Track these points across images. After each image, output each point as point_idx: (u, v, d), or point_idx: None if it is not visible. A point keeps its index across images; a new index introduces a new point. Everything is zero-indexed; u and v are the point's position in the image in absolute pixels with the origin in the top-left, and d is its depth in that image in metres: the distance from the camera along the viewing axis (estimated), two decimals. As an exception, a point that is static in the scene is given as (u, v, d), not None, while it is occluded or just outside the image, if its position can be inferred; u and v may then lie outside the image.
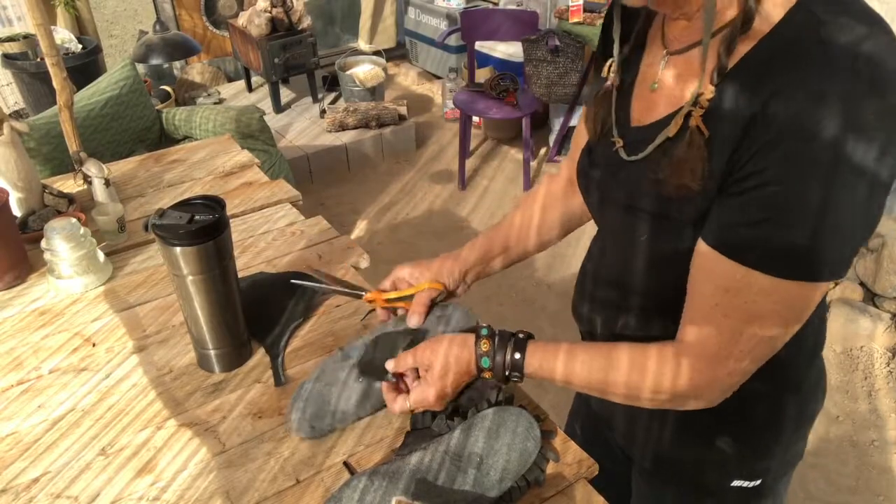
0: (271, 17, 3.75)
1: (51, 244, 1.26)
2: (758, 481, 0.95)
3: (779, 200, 0.64)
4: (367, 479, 0.84)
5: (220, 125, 2.85)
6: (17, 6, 3.71)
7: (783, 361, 0.84)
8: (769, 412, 0.90)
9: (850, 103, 0.60)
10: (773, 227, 0.65)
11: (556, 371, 0.85)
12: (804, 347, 0.88)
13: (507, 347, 0.87)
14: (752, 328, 0.71)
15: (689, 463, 0.96)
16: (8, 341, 1.18)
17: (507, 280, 2.97)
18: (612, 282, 0.92)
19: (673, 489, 1.01)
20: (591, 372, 0.83)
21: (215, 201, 1.02)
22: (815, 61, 0.62)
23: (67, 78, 1.63)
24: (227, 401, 1.05)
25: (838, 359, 2.58)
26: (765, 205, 0.65)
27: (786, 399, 0.90)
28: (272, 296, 1.25)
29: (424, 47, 4.69)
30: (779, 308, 0.69)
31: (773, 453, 0.94)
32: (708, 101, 0.69)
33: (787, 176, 0.63)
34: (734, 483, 0.95)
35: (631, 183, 0.80)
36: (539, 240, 1.09)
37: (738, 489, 0.95)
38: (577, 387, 0.85)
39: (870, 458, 2.20)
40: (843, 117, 0.60)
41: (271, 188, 1.65)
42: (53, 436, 0.99)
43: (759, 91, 0.64)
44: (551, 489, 0.90)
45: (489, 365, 0.88)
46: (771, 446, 0.93)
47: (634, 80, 0.82)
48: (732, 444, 0.92)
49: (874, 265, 2.69)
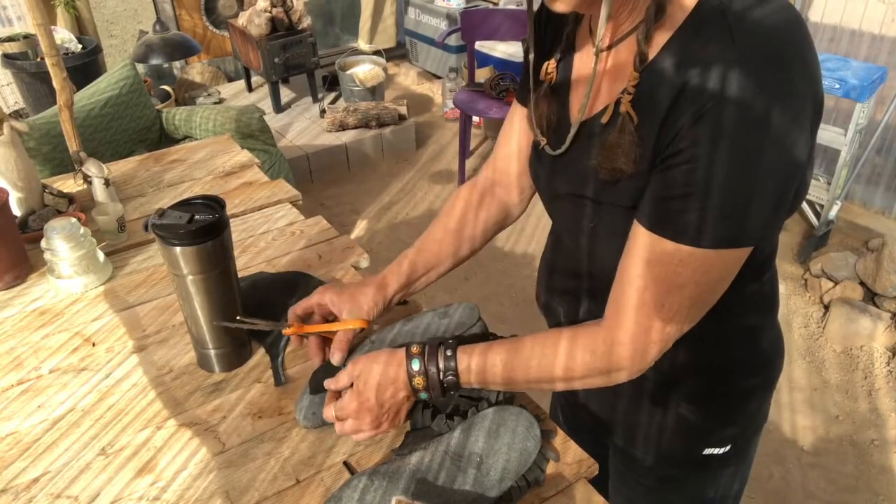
0: (271, 16, 3.75)
1: (51, 244, 1.26)
2: (727, 447, 0.98)
3: (694, 172, 0.68)
4: (367, 479, 0.84)
5: (220, 125, 2.85)
6: (17, 6, 3.71)
7: (738, 325, 0.90)
8: (729, 379, 0.93)
9: (751, 76, 0.64)
10: (690, 199, 0.69)
11: (497, 371, 0.84)
12: (758, 308, 0.92)
13: (437, 356, 0.86)
14: (672, 297, 0.74)
15: (658, 434, 0.99)
16: (8, 341, 1.18)
17: (507, 279, 2.97)
18: (570, 271, 0.95)
19: (648, 463, 1.03)
20: (528, 367, 0.83)
21: (215, 201, 1.02)
22: (723, 38, 0.66)
23: (67, 78, 1.63)
24: (227, 400, 1.05)
25: (838, 358, 2.58)
26: (682, 178, 0.69)
27: (744, 365, 0.93)
28: (272, 296, 1.25)
29: (424, 47, 4.68)
30: (698, 276, 0.72)
31: (737, 419, 0.97)
32: (633, 86, 0.73)
33: (700, 147, 0.67)
34: (705, 451, 0.98)
35: (573, 173, 0.84)
36: (461, 256, 1.09)
37: (710, 456, 0.99)
38: (520, 384, 0.86)
39: (870, 457, 2.20)
40: (747, 88, 0.64)
41: (271, 188, 1.65)
42: (53, 436, 0.99)
43: (678, 73, 0.69)
44: (551, 489, 0.90)
45: (423, 384, 0.86)
46: (735, 413, 0.96)
47: (570, 78, 0.86)
48: (697, 413, 0.95)
49: (874, 265, 2.69)
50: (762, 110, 0.64)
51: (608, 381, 0.81)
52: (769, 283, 0.91)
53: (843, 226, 3.14)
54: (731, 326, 0.89)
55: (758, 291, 0.89)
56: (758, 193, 0.68)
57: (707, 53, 0.67)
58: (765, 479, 2.14)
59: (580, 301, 0.95)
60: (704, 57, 0.67)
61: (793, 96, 0.66)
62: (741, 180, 0.67)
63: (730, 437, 0.98)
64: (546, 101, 0.88)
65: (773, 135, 0.65)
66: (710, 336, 0.86)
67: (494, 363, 0.84)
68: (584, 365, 0.80)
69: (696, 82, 0.67)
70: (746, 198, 0.68)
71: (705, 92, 0.66)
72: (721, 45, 0.66)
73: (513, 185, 1.05)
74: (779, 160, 0.67)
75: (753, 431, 1.01)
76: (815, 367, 2.55)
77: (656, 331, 0.76)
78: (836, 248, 3.00)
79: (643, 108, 0.73)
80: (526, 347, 0.84)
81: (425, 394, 0.88)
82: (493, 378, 0.85)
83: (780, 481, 2.13)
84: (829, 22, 3.15)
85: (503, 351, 0.84)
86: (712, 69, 0.66)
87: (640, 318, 0.76)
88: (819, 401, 2.41)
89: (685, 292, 0.74)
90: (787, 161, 0.67)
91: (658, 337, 0.77)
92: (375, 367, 0.89)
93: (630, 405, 0.99)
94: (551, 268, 1.01)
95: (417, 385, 0.87)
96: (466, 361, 0.85)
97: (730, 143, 0.66)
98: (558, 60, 0.88)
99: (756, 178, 0.67)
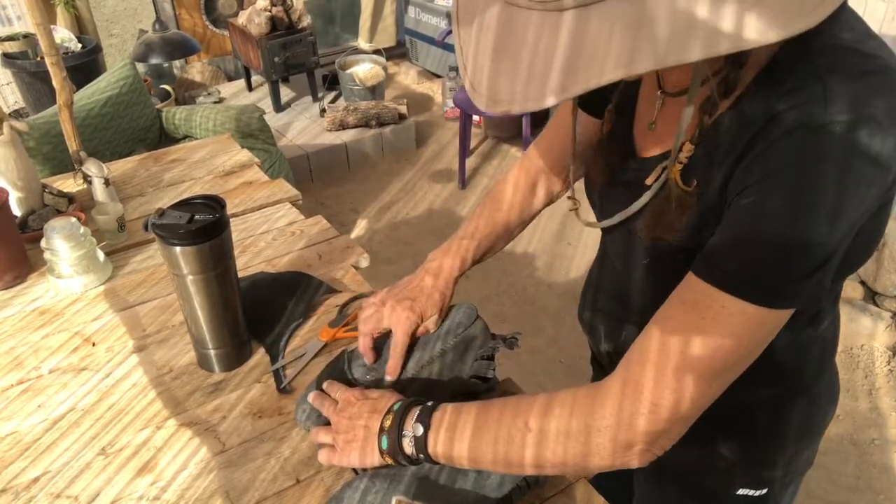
0: (271, 15, 3.75)
1: (50, 244, 1.25)
2: (764, 490, 0.92)
3: (751, 216, 0.61)
4: (368, 480, 0.84)
5: (220, 124, 2.85)
6: (16, 5, 3.70)
7: (790, 367, 0.82)
8: (776, 420, 0.87)
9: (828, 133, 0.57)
10: (744, 245, 0.62)
11: (462, 449, 0.75)
12: (812, 353, 0.84)
13: (406, 420, 0.79)
14: (695, 347, 0.63)
15: (692, 468, 0.94)
16: (8, 341, 1.17)
17: (507, 279, 2.97)
18: (614, 295, 0.91)
19: (676, 493, 0.99)
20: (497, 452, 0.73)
21: (215, 201, 1.02)
22: (807, 90, 0.59)
23: (67, 77, 1.63)
24: (227, 400, 1.04)
25: (839, 357, 2.56)
26: (738, 220, 0.62)
27: (793, 406, 0.87)
28: (272, 296, 1.24)
29: (424, 46, 4.68)
30: (736, 332, 0.63)
31: (779, 462, 0.90)
32: (687, 157, 0.67)
33: (763, 189, 0.60)
34: (739, 491, 0.92)
35: (627, 224, 0.78)
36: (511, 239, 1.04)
37: (744, 497, 0.92)
38: (500, 458, 0.74)
39: (870, 456, 2.20)
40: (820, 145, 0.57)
41: (271, 187, 1.64)
42: (53, 435, 0.99)
43: (751, 124, 0.62)
44: (551, 489, 0.89)
45: (386, 446, 0.80)
46: (778, 455, 0.90)
47: (632, 121, 0.81)
48: (737, 452, 0.89)
49: (875, 264, 2.69)
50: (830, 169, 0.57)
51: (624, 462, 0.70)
52: (831, 321, 0.85)
53: (844, 225, 3.14)
54: (786, 366, 0.82)
55: (818, 328, 0.82)
56: (814, 249, 0.60)
57: (781, 104, 0.59)
58: (765, 478, 2.14)
59: (622, 325, 0.90)
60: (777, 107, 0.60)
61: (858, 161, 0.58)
62: (797, 232, 0.59)
63: (768, 480, 0.91)
64: (605, 150, 0.81)
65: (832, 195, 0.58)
66: (765, 375, 0.77)
67: (461, 449, 0.76)
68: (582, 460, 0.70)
69: (771, 131, 0.60)
70: (800, 253, 0.60)
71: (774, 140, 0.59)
72: (802, 94, 0.58)
73: (561, 174, 1.00)
74: (834, 222, 0.59)
75: (796, 476, 0.94)
76: (815, 367, 2.55)
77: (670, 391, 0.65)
78: (837, 248, 2.99)
79: (700, 174, 0.67)
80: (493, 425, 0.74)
81: (386, 440, 0.81)
82: (459, 460, 0.78)
83: (781, 481, 2.13)
84: (829, 21, 3.15)
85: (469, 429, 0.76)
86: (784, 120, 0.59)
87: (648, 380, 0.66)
88: (819, 400, 2.41)
89: (713, 345, 0.64)
90: (841, 223, 0.60)
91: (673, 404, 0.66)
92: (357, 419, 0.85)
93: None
94: (596, 286, 0.96)
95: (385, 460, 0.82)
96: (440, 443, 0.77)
97: (791, 191, 0.58)
98: (617, 103, 0.81)
99: (812, 232, 0.59)
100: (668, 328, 0.65)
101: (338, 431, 0.87)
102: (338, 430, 0.87)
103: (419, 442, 0.78)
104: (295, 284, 1.27)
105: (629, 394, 0.66)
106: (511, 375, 1.06)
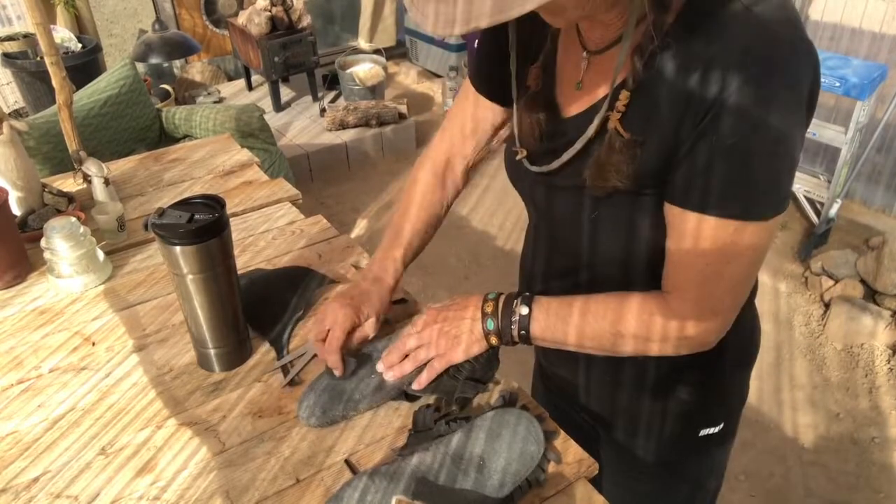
0: (271, 15, 3.75)
1: (50, 243, 1.25)
2: (720, 425, 1.01)
3: (733, 153, 0.69)
4: (367, 479, 0.84)
5: (220, 124, 2.85)
6: (16, 5, 3.70)
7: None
8: (717, 357, 0.94)
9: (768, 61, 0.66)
10: (731, 175, 0.70)
11: (568, 328, 0.86)
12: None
13: (513, 305, 0.88)
14: (731, 268, 0.76)
15: (660, 422, 1.00)
16: (8, 340, 1.17)
17: (508, 279, 2.97)
18: (567, 267, 0.94)
19: (649, 453, 1.05)
20: (601, 327, 0.84)
21: (215, 200, 1.02)
22: (722, 37, 0.67)
23: (67, 77, 1.63)
24: (227, 400, 1.04)
25: (839, 356, 2.58)
26: (722, 157, 0.70)
27: (729, 343, 0.93)
28: (273, 291, 1.24)
29: (424, 46, 4.68)
30: (746, 250, 0.74)
31: (727, 395, 1.01)
32: (625, 105, 0.73)
33: (737, 130, 0.68)
34: (702, 433, 1.01)
35: (568, 174, 0.83)
36: (431, 236, 1.12)
37: (706, 437, 1.01)
38: (588, 346, 0.86)
39: (870, 455, 2.20)
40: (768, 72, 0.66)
41: (271, 187, 1.64)
42: (53, 435, 0.99)
43: (680, 78, 0.69)
44: (551, 489, 0.89)
45: (494, 326, 0.89)
46: (724, 389, 1.00)
47: (554, 81, 0.85)
48: (693, 393, 0.97)
49: (875, 263, 2.69)
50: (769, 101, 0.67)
51: (682, 349, 0.83)
52: None
53: (844, 224, 3.14)
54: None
55: None
56: (792, 164, 0.72)
57: (708, 54, 0.67)
58: (765, 477, 2.14)
59: (578, 284, 0.94)
60: (714, 48, 0.67)
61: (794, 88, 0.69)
62: (779, 155, 0.70)
63: (722, 415, 1.01)
64: (531, 108, 0.86)
65: (791, 113, 0.69)
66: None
67: (569, 325, 0.86)
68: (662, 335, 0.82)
69: (715, 72, 0.67)
70: (789, 169, 0.72)
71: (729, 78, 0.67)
72: (721, 44, 0.67)
73: (466, 160, 1.08)
74: (797, 135, 0.71)
75: (739, 406, 1.05)
76: (815, 365, 2.55)
77: (719, 301, 0.79)
78: (837, 247, 3.00)
79: (640, 121, 0.73)
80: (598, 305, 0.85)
81: (492, 322, 0.90)
82: (563, 337, 0.87)
83: (781, 479, 2.13)
84: (829, 20, 3.15)
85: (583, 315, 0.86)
86: (730, 56, 0.67)
87: (707, 295, 0.78)
88: (820, 399, 2.41)
89: (742, 261, 0.75)
90: (799, 134, 0.72)
91: (722, 307, 0.80)
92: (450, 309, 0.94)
93: (632, 396, 0.99)
94: (547, 263, 1.00)
95: (491, 342, 0.91)
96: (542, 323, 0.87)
97: (763, 126, 0.68)
98: (543, 64, 0.85)
99: (783, 154, 0.71)
100: (700, 265, 0.76)
101: (436, 339, 0.94)
102: (434, 339, 0.94)
103: (523, 321, 0.88)
104: (294, 278, 1.27)
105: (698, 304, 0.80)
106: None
